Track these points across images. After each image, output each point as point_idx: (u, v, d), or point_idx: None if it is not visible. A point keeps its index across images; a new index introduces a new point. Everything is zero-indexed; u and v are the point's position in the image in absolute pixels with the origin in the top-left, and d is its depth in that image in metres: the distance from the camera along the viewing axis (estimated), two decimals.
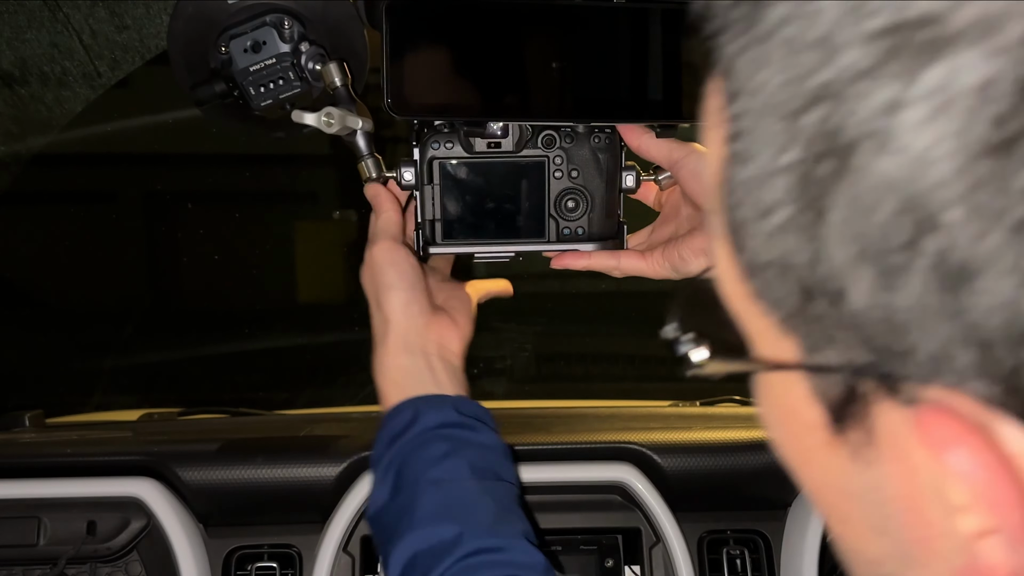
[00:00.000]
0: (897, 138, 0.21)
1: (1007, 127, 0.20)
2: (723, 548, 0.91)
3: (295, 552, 0.89)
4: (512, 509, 0.62)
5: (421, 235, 0.69)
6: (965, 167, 0.20)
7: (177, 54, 0.67)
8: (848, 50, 0.21)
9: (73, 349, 2.15)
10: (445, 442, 0.61)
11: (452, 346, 0.68)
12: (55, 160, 1.97)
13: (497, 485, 0.62)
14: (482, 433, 0.64)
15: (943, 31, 0.20)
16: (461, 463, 0.60)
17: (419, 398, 0.63)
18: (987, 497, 0.23)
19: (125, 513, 0.86)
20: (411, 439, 0.61)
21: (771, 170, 0.24)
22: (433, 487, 0.59)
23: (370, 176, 0.68)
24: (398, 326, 0.66)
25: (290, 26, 0.65)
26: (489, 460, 0.62)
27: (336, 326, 2.32)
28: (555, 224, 0.70)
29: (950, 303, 0.21)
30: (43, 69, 1.06)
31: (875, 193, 0.21)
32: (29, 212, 2.20)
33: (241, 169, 2.34)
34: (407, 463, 0.61)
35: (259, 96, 0.66)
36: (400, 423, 0.63)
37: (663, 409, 1.17)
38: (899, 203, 0.21)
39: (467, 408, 0.64)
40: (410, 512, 0.59)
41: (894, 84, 0.21)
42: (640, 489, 0.88)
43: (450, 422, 0.62)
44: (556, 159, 0.69)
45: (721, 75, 0.26)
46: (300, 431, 1.02)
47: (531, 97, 0.63)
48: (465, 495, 0.60)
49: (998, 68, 0.20)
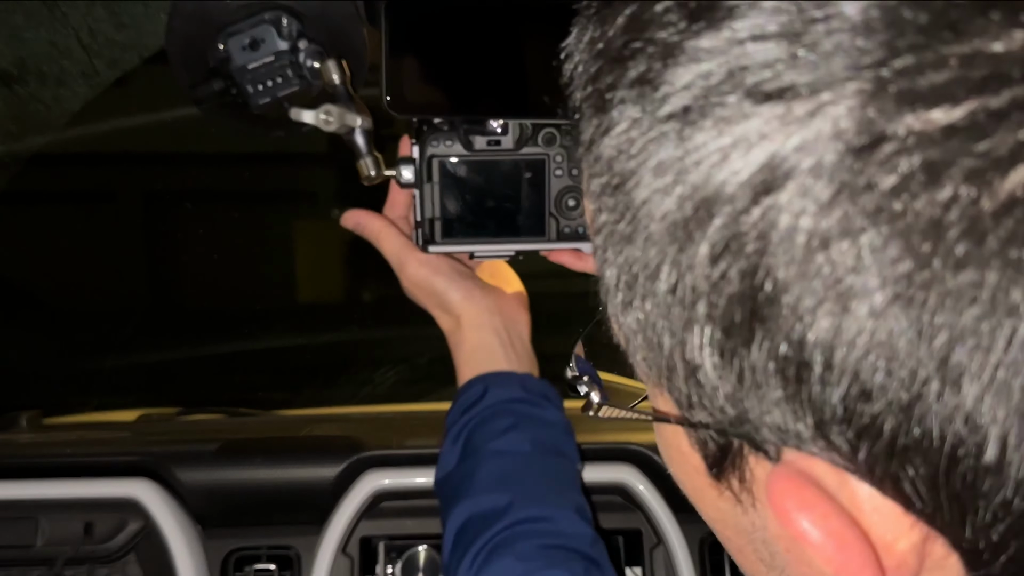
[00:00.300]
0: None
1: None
2: (724, 550, 0.90)
3: (293, 553, 0.89)
4: (568, 483, 0.64)
5: (421, 234, 0.69)
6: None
7: (175, 52, 0.67)
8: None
9: (72, 349, 2.15)
10: (510, 416, 0.64)
11: (519, 317, 0.71)
12: (54, 159, 1.97)
13: (556, 460, 0.64)
14: (547, 410, 0.66)
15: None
16: (523, 437, 0.63)
17: (489, 374, 0.67)
18: (835, 563, 0.24)
19: (123, 514, 0.86)
20: (479, 412, 0.65)
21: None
22: (493, 457, 0.62)
23: (369, 174, 0.67)
24: (468, 316, 0.69)
25: (288, 24, 0.65)
26: (551, 435, 0.65)
27: (336, 326, 2.32)
28: (555, 223, 0.70)
29: (786, 385, 0.22)
30: (41, 68, 1.06)
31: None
32: (28, 212, 2.20)
33: (240, 168, 2.34)
34: (474, 434, 0.64)
35: (258, 94, 0.66)
36: (471, 396, 0.66)
37: None
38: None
39: (533, 385, 0.67)
40: (470, 479, 0.62)
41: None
42: (641, 490, 0.88)
43: (516, 398, 0.65)
44: (557, 157, 0.69)
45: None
46: (299, 431, 1.02)
47: (530, 95, 0.62)
48: (521, 467, 0.62)
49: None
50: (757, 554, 0.30)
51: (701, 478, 0.30)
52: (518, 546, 0.58)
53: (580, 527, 0.60)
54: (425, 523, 0.90)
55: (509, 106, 0.63)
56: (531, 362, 0.71)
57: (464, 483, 0.62)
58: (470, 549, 0.59)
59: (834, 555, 0.24)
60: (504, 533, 0.59)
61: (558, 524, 0.60)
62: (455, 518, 0.62)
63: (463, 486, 0.62)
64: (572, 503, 0.62)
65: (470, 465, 0.63)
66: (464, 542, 0.60)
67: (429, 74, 0.61)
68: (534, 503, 0.60)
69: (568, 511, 0.61)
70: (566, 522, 0.60)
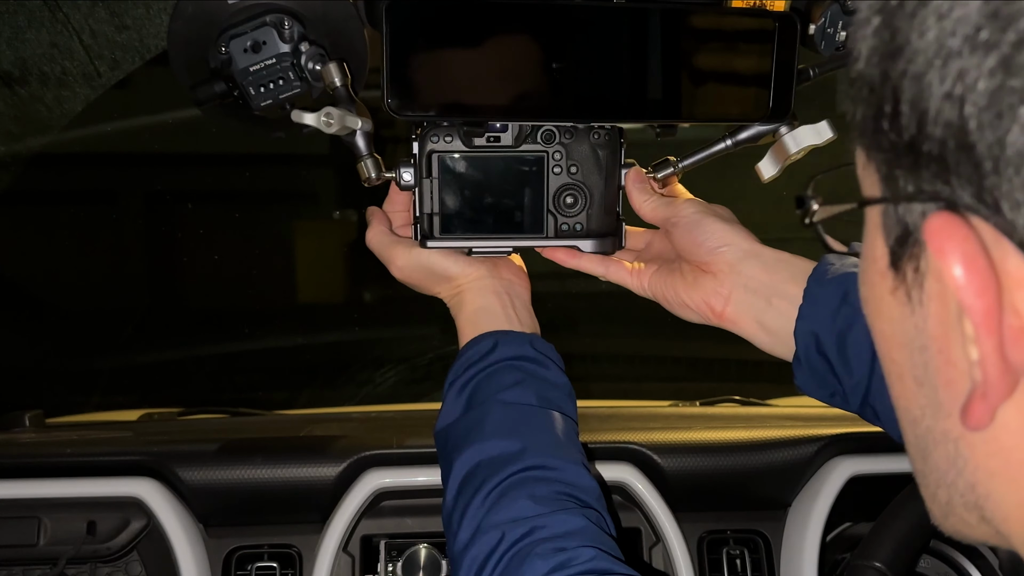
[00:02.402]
0: None
1: None
2: (723, 548, 0.91)
3: (295, 552, 0.90)
4: (573, 440, 0.65)
5: (419, 229, 0.69)
6: None
7: (177, 54, 0.67)
8: None
9: (73, 349, 2.15)
10: (518, 372, 0.65)
11: (518, 280, 0.72)
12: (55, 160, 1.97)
13: (562, 418, 0.65)
14: (551, 371, 0.67)
15: None
16: (529, 392, 0.64)
17: (499, 332, 0.67)
18: (973, 309, 0.27)
19: (125, 513, 0.86)
20: (487, 366, 0.65)
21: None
22: (502, 407, 0.63)
23: (369, 176, 0.68)
24: (468, 280, 0.70)
25: (290, 26, 0.65)
26: (555, 395, 0.66)
27: (336, 326, 2.32)
28: (554, 220, 0.70)
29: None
30: (43, 69, 1.07)
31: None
32: (29, 212, 2.20)
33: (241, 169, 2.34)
34: (480, 386, 0.65)
35: (259, 96, 0.66)
36: (479, 352, 0.66)
37: (663, 409, 1.17)
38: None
39: (540, 345, 0.68)
40: (479, 426, 0.63)
41: None
42: (640, 489, 0.88)
43: (525, 355, 0.66)
44: (555, 155, 0.69)
45: None
46: (300, 431, 1.02)
47: (531, 97, 0.63)
48: (532, 418, 0.63)
49: None
50: (913, 371, 0.33)
51: (883, 283, 0.33)
52: (533, 488, 0.59)
53: (588, 480, 0.62)
54: (426, 522, 0.91)
55: (509, 108, 0.63)
56: (533, 324, 0.71)
57: (473, 431, 0.63)
58: (481, 489, 0.60)
59: (973, 300, 0.27)
60: (517, 476, 0.59)
61: (568, 475, 0.61)
62: (462, 463, 0.62)
63: (471, 434, 0.63)
64: (578, 457, 0.64)
65: (478, 414, 0.64)
66: (474, 483, 0.61)
67: (430, 76, 0.61)
68: (545, 453, 0.61)
69: (577, 465, 0.62)
70: (575, 474, 0.61)
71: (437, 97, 0.62)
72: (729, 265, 0.66)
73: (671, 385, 2.19)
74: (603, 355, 2.34)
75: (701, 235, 0.67)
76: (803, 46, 0.66)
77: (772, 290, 0.65)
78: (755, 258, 0.66)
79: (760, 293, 0.65)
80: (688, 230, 0.67)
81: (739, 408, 1.17)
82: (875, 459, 0.88)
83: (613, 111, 0.65)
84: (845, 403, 0.65)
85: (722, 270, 0.66)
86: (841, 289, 0.62)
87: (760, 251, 0.66)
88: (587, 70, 0.63)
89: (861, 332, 0.62)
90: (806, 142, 0.66)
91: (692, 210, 0.68)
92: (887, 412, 0.63)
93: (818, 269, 0.64)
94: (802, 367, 0.65)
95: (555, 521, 0.56)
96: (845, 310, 0.62)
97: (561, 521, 0.56)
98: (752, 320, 0.66)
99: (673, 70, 0.64)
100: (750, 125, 0.68)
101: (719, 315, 0.67)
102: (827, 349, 0.63)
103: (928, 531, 0.69)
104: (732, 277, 0.66)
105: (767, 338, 0.66)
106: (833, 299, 0.62)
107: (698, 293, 0.67)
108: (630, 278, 0.72)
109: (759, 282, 0.65)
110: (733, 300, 0.66)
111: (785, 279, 0.65)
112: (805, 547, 0.86)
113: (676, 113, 0.65)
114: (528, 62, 0.62)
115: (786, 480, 0.91)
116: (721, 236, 0.66)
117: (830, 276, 0.63)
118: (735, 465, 0.90)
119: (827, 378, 0.64)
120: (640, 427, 0.95)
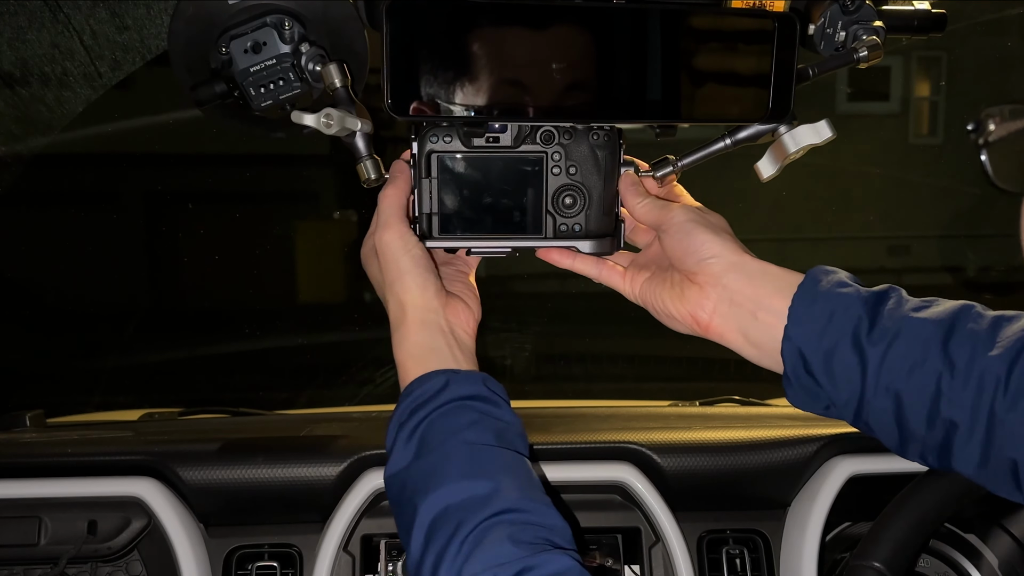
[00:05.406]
0: None
1: None
2: (723, 547, 0.91)
3: (295, 551, 0.90)
4: (535, 480, 0.63)
5: (418, 229, 0.69)
6: None
7: (178, 55, 0.67)
8: None
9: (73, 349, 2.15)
10: (472, 411, 0.63)
11: (467, 326, 0.70)
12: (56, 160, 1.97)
13: (521, 458, 0.64)
14: (503, 410, 0.66)
15: None
16: (488, 432, 0.62)
17: (450, 370, 0.65)
18: None
19: (126, 513, 0.86)
20: (440, 405, 0.63)
21: None
22: (466, 447, 0.61)
23: (369, 177, 0.68)
24: (416, 308, 0.67)
25: (290, 27, 0.66)
26: (510, 435, 0.64)
27: (336, 326, 2.32)
28: (552, 220, 0.70)
29: None
30: (44, 70, 1.07)
31: None
32: (30, 212, 2.20)
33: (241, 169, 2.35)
34: (433, 427, 0.62)
35: (259, 97, 0.67)
36: (429, 390, 0.64)
37: (663, 409, 1.17)
38: None
39: (492, 385, 0.66)
40: (441, 469, 0.60)
41: None
42: (640, 489, 0.88)
43: (479, 395, 0.64)
44: (555, 155, 0.69)
45: None
46: (300, 431, 1.02)
47: (531, 98, 0.63)
48: (497, 458, 0.61)
49: None
50: None
51: None
52: (511, 532, 0.57)
53: (561, 520, 0.60)
54: None
55: (509, 109, 0.63)
56: (475, 364, 0.69)
57: (435, 474, 0.60)
58: (457, 535, 0.57)
59: None
60: (491, 521, 0.57)
61: (542, 517, 0.59)
62: (429, 506, 0.59)
63: (434, 476, 0.60)
64: (546, 498, 0.62)
65: (436, 458, 0.61)
66: (446, 529, 0.58)
67: (430, 77, 0.61)
68: (515, 494, 0.59)
69: (548, 506, 0.61)
70: (549, 515, 0.60)
71: (437, 98, 0.62)
72: (715, 277, 0.66)
73: (671, 385, 2.19)
74: (603, 355, 2.34)
75: (690, 244, 0.67)
76: (803, 46, 0.66)
77: (757, 304, 0.65)
78: (740, 271, 0.66)
79: (745, 307, 0.65)
80: (678, 238, 0.67)
81: (738, 408, 1.17)
82: (874, 459, 0.88)
83: (613, 111, 0.65)
84: (840, 416, 0.66)
85: (708, 282, 0.66)
86: (827, 310, 0.63)
87: (745, 263, 0.66)
88: (587, 70, 0.63)
89: (846, 352, 0.62)
90: (805, 141, 0.66)
91: (684, 217, 0.68)
92: (881, 426, 0.64)
93: (804, 285, 0.64)
94: (792, 385, 0.65)
95: (542, 561, 0.55)
96: (831, 331, 0.62)
97: (548, 561, 0.55)
98: (738, 333, 0.66)
99: (673, 70, 0.64)
100: (749, 125, 0.68)
101: (705, 327, 0.67)
102: (814, 369, 0.63)
103: (927, 531, 0.69)
104: (718, 290, 0.66)
105: (753, 351, 0.67)
106: (819, 320, 0.63)
107: (684, 305, 0.68)
108: (622, 283, 0.72)
109: (744, 296, 0.65)
110: (719, 313, 0.66)
111: (770, 292, 0.65)
112: (804, 547, 0.86)
113: (676, 113, 0.65)
114: (528, 63, 0.62)
115: (786, 480, 0.91)
116: (709, 247, 0.66)
117: (817, 292, 0.63)
118: (735, 465, 0.90)
119: (819, 393, 0.65)
120: (640, 427, 0.95)
